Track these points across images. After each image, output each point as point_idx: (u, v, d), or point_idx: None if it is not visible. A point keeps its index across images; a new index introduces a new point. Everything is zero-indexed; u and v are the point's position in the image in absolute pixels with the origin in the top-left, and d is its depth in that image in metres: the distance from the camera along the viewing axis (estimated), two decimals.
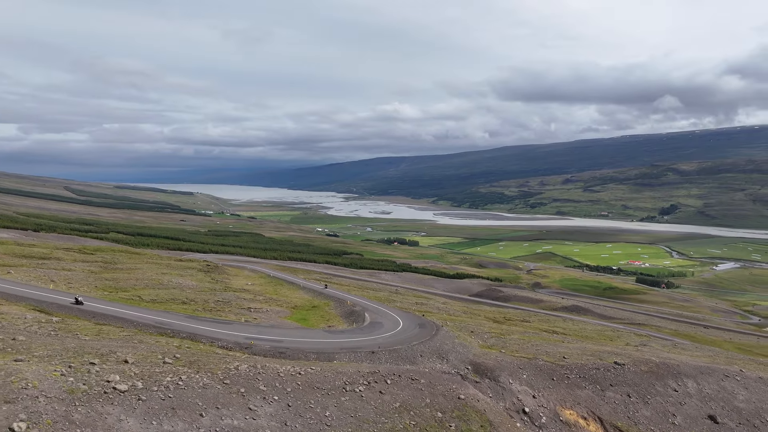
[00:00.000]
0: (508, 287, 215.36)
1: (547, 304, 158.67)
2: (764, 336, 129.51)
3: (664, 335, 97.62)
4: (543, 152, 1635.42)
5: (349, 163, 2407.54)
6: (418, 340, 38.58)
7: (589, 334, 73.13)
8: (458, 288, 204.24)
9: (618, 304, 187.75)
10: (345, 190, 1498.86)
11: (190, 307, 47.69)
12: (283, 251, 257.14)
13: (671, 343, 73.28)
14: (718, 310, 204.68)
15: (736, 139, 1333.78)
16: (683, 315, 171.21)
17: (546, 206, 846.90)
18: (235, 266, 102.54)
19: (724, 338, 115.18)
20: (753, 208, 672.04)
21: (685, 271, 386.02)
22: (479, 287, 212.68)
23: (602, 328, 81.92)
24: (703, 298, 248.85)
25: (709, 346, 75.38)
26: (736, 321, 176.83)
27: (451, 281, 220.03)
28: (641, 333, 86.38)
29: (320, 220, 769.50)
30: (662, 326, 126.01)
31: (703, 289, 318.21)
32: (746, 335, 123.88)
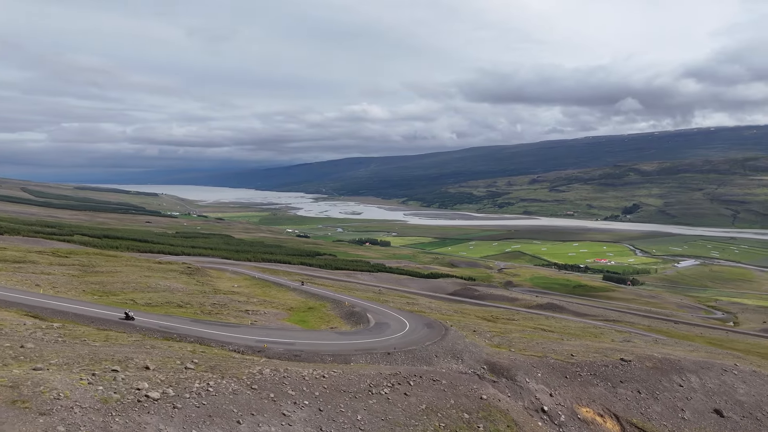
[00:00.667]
0: (482, 286, 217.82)
1: (522, 302, 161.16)
2: (732, 330, 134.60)
3: (641, 331, 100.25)
4: (510, 153, 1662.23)
5: (317, 163, 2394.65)
6: (431, 341, 38.52)
7: (574, 332, 74.51)
8: (434, 287, 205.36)
9: (589, 301, 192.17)
10: (314, 190, 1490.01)
11: (188, 311, 46.51)
12: (256, 253, 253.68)
13: (652, 339, 75.34)
14: (683, 306, 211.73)
15: (693, 141, 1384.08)
16: (652, 311, 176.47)
17: (513, 206, 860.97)
18: (215, 268, 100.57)
19: (695, 333, 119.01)
20: (710, 207, 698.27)
21: (649, 268, 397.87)
22: (454, 286, 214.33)
23: (584, 326, 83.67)
24: (668, 294, 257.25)
25: (687, 342, 77.86)
26: (702, 316, 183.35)
27: (426, 281, 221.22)
28: (621, 329, 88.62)
29: (290, 221, 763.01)
30: (635, 322, 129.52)
31: (666, 286, 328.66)
32: (715, 330, 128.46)
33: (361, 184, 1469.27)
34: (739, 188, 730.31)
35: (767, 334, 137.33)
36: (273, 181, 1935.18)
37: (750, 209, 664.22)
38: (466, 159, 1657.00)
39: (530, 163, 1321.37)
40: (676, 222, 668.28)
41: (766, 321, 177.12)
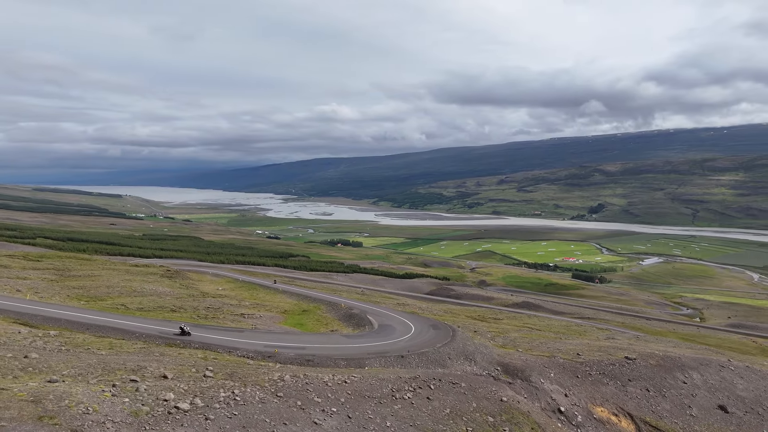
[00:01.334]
0: (458, 285, 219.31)
1: (498, 301, 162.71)
2: (702, 326, 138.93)
3: (618, 328, 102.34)
4: (478, 154, 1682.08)
5: (286, 163, 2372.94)
6: (441, 343, 38.15)
7: (558, 329, 75.44)
8: (410, 287, 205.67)
9: (563, 299, 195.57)
10: (284, 191, 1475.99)
11: (183, 315, 44.95)
12: (228, 254, 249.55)
13: (633, 336, 76.89)
14: (651, 303, 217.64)
15: (653, 142, 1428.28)
16: (623, 308, 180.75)
17: (483, 206, 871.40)
18: (193, 271, 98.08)
19: (668, 329, 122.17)
20: (671, 206, 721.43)
21: (615, 266, 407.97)
22: (430, 286, 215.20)
23: (566, 324, 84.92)
24: (635, 291, 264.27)
25: (668, 338, 79.78)
26: (670, 312, 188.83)
27: (402, 281, 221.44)
28: (601, 327, 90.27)
29: (260, 222, 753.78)
30: (610, 319, 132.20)
31: (633, 283, 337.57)
32: (686, 326, 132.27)
33: (331, 184, 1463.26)
34: (698, 188, 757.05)
35: (734, 329, 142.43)
36: (241, 182, 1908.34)
37: (708, 208, 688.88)
38: (436, 160, 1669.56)
39: (498, 164, 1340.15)
40: (639, 221, 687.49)
41: (730, 316, 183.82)
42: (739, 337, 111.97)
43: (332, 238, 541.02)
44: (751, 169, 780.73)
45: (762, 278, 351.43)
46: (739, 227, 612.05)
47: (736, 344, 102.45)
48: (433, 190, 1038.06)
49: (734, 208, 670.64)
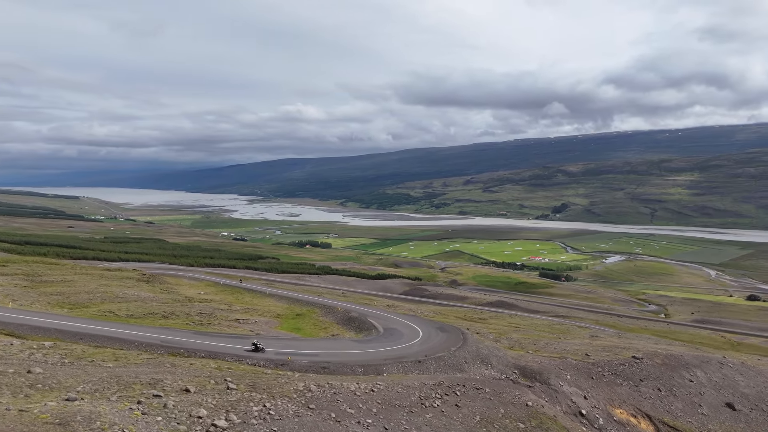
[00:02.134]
0: (430, 285, 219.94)
1: (473, 300, 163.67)
2: (671, 322, 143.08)
3: (597, 326, 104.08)
4: (444, 155, 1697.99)
5: (251, 164, 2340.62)
6: (455, 346, 37.46)
7: (544, 329, 76.04)
8: (383, 288, 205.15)
9: (534, 297, 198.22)
10: (249, 192, 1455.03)
11: (178, 322, 42.90)
12: (195, 257, 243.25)
13: (615, 334, 78.15)
14: (618, 300, 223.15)
15: (613, 143, 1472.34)
16: (593, 306, 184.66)
17: (450, 206, 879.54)
18: (167, 274, 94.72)
19: (640, 326, 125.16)
20: (631, 206, 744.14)
21: (580, 264, 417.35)
22: (403, 287, 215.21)
23: (549, 323, 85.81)
24: (602, 289, 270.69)
25: (647, 335, 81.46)
26: (637, 309, 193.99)
27: (375, 282, 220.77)
28: (582, 325, 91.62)
29: (225, 223, 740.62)
30: (584, 317, 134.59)
31: (598, 281, 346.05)
32: (657, 322, 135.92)
33: (297, 185, 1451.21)
34: (656, 188, 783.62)
35: (700, 324, 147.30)
36: (204, 182, 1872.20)
37: (666, 207, 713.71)
38: (403, 160, 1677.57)
39: (464, 165, 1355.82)
40: (601, 220, 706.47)
41: (693, 312, 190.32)
42: (708, 333, 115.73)
43: (300, 240, 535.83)
44: (706, 170, 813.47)
45: (719, 275, 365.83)
46: (695, 226, 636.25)
47: (707, 340, 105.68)
48: (401, 191, 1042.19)
49: (690, 207, 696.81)
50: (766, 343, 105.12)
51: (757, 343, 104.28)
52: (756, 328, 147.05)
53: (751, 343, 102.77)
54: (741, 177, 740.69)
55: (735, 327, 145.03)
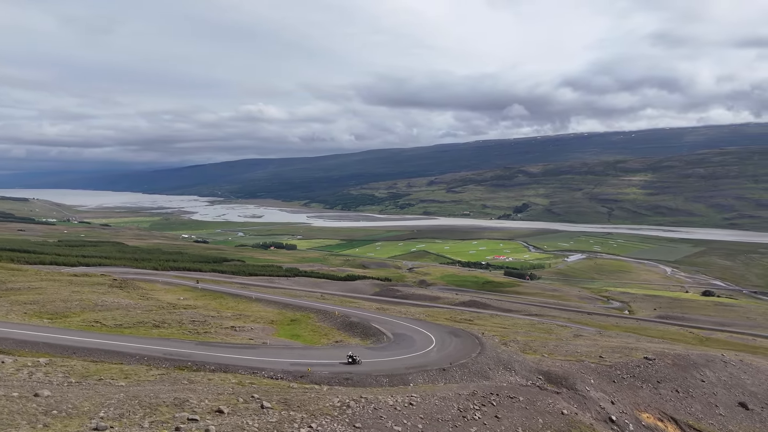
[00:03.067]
0: (401, 286, 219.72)
1: (445, 300, 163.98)
2: (639, 319, 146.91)
3: (573, 324, 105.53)
4: (408, 156, 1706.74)
5: (211, 164, 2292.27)
6: (474, 352, 36.55)
7: (528, 328, 76.33)
8: (353, 289, 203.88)
9: (504, 296, 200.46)
10: (209, 193, 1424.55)
11: (172, 331, 40.40)
12: (158, 261, 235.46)
13: (596, 332, 79.11)
14: (583, 298, 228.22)
15: (570, 145, 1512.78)
16: (561, 304, 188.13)
17: (414, 207, 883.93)
18: (138, 279, 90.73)
19: (611, 323, 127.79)
20: (589, 205, 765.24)
21: (543, 263, 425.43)
22: (374, 287, 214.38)
23: (531, 322, 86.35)
24: (566, 287, 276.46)
25: (626, 332, 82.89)
26: (602, 306, 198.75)
27: (346, 283, 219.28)
28: (563, 324, 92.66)
29: (185, 225, 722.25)
30: (557, 315, 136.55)
31: (561, 279, 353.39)
32: (625, 319, 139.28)
33: (259, 186, 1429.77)
34: (613, 188, 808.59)
35: (665, 320, 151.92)
36: (162, 183, 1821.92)
37: (622, 207, 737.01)
38: (366, 161, 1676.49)
39: (427, 166, 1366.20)
40: (561, 219, 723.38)
41: (656, 308, 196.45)
42: (676, 329, 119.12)
43: (264, 241, 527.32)
44: (659, 170, 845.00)
45: (674, 271, 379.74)
46: (649, 224, 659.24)
47: (676, 335, 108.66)
48: (365, 191, 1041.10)
49: (645, 206, 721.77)
50: (731, 338, 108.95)
51: (723, 338, 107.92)
52: (717, 323, 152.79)
53: (718, 338, 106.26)
54: (692, 177, 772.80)
55: (697, 322, 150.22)
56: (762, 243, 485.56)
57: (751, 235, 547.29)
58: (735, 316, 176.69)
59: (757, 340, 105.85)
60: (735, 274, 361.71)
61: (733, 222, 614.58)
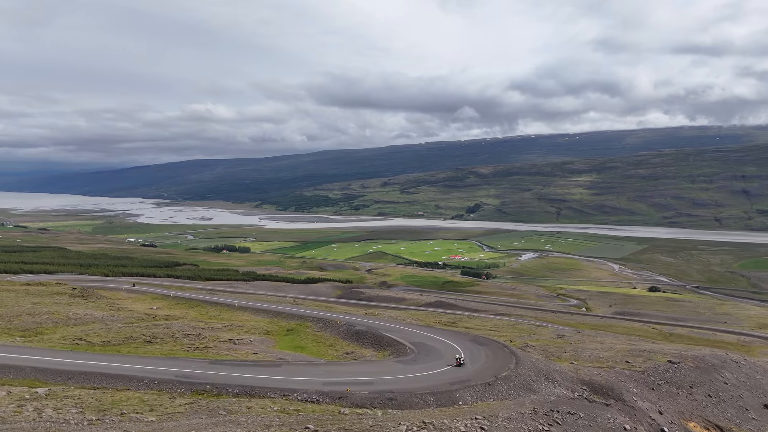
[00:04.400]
0: (363, 287, 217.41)
1: (411, 301, 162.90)
2: (606, 317, 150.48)
3: (546, 323, 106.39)
4: (361, 156, 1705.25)
5: (156, 165, 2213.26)
6: (511, 362, 34.68)
7: (513, 330, 75.95)
8: (314, 292, 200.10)
9: (467, 296, 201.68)
10: (155, 195, 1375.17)
11: (171, 347, 36.54)
12: (107, 266, 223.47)
13: (576, 331, 79.69)
14: (541, 296, 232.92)
15: (518, 146, 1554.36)
16: (523, 302, 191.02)
17: (368, 208, 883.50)
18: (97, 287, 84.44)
19: (578, 321, 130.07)
20: (538, 205, 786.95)
21: (497, 262, 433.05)
22: (335, 290, 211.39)
23: (511, 323, 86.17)
24: (523, 285, 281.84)
25: (605, 331, 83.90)
26: (562, 304, 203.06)
27: (306, 286, 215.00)
28: (543, 324, 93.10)
29: (130, 228, 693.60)
30: (524, 314, 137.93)
31: (516, 278, 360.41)
32: (591, 317, 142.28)
33: (208, 187, 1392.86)
34: (560, 188, 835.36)
35: (626, 317, 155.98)
36: (104, 185, 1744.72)
37: (570, 207, 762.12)
38: (319, 162, 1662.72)
39: (381, 167, 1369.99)
40: (512, 219, 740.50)
41: (611, 305, 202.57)
42: (639, 325, 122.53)
43: (216, 244, 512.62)
44: (602, 171, 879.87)
45: (622, 268, 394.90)
46: (595, 223, 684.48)
47: (642, 332, 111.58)
48: (319, 193, 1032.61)
49: (590, 206, 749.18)
50: (692, 332, 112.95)
51: (684, 333, 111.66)
52: (671, 318, 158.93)
53: (680, 334, 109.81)
54: (633, 178, 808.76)
55: (654, 318, 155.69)
56: (700, 240, 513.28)
57: (689, 232, 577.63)
58: (686, 312, 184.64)
59: (717, 334, 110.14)
60: (677, 270, 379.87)
61: (672, 220, 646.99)
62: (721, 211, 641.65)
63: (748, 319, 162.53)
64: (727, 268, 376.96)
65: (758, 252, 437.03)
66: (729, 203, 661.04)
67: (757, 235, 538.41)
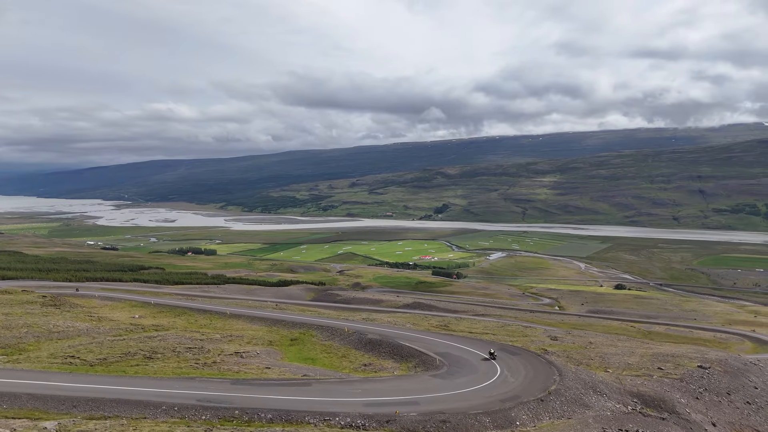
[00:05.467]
0: (337, 289, 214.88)
1: (389, 303, 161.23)
2: (583, 315, 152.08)
3: (540, 325, 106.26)
4: (327, 157, 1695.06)
5: (115, 166, 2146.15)
6: (555, 375, 32.63)
7: (501, 332, 75.07)
8: (288, 295, 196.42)
9: (444, 297, 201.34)
10: (114, 196, 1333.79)
11: (178, 365, 33.21)
12: (67, 271, 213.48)
13: (565, 332, 79.41)
14: (514, 295, 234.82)
15: (483, 147, 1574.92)
16: (498, 302, 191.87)
17: (337, 208, 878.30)
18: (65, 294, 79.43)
19: (557, 320, 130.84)
20: (505, 205, 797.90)
21: (467, 262, 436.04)
22: (309, 292, 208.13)
23: (496, 324, 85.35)
24: (494, 285, 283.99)
25: (586, 330, 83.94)
26: (535, 303, 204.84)
27: (279, 289, 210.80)
28: (526, 325, 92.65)
29: (90, 231, 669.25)
30: (504, 314, 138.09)
31: (486, 277, 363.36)
32: (569, 315, 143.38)
33: (170, 188, 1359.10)
34: (525, 188, 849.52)
35: (595, 314, 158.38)
36: (60, 186, 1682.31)
37: (535, 206, 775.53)
38: (285, 162, 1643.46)
39: (348, 167, 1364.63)
40: (479, 219, 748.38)
41: (583, 303, 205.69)
42: (618, 323, 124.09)
43: (181, 247, 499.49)
44: (566, 172, 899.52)
45: (588, 267, 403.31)
46: (559, 222, 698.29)
47: (621, 330, 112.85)
48: (286, 193, 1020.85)
49: (555, 206, 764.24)
50: (669, 330, 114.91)
51: (662, 331, 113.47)
52: (644, 316, 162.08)
53: (658, 332, 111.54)
54: (595, 178, 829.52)
55: (627, 315, 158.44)
56: (660, 238, 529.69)
57: (649, 231, 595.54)
58: (655, 309, 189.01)
59: (694, 332, 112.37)
60: (641, 267, 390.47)
61: (633, 219, 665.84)
62: (679, 211, 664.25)
63: (715, 316, 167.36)
64: (688, 266, 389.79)
65: (715, 250, 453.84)
66: (686, 203, 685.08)
67: (714, 234, 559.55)
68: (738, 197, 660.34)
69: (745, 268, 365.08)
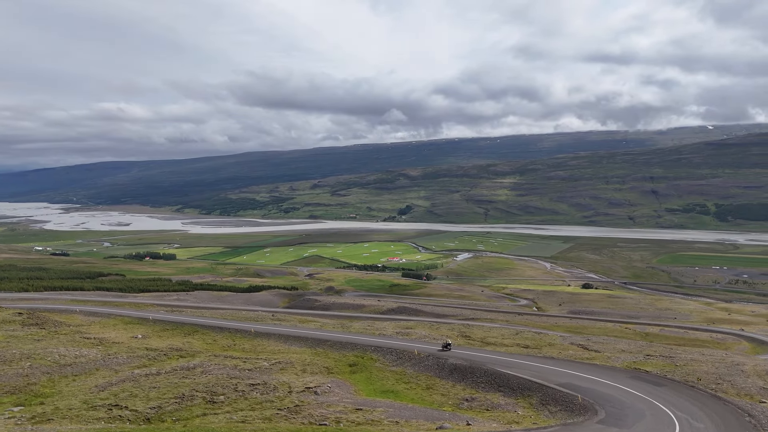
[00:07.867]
0: (312, 294, 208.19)
1: (371, 308, 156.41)
2: (574, 317, 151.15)
3: (535, 328, 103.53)
4: (287, 158, 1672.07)
5: (62, 168, 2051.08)
6: (745, 416, 26.09)
7: (516, 340, 71.68)
8: (260, 302, 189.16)
9: (424, 299, 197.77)
10: (62, 199, 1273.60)
11: (259, 414, 25.80)
12: (19, 279, 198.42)
13: (584, 338, 76.78)
14: (490, 296, 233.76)
15: (443, 149, 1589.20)
16: (480, 304, 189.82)
17: (299, 210, 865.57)
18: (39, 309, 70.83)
19: (551, 323, 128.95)
20: (467, 206, 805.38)
21: (435, 263, 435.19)
22: (283, 298, 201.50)
23: (513, 331, 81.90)
24: (469, 286, 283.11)
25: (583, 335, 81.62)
26: (513, 304, 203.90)
27: (251, 295, 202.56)
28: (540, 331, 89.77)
29: (37, 236, 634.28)
30: (495, 318, 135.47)
31: (455, 278, 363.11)
32: (559, 318, 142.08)
33: (123, 191, 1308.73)
34: (486, 190, 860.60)
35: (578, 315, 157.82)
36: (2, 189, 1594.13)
37: (496, 207, 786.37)
38: (243, 164, 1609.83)
39: (309, 169, 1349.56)
40: (442, 220, 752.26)
41: (560, 304, 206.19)
42: (612, 325, 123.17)
43: (138, 252, 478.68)
44: (525, 173, 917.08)
45: (553, 266, 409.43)
46: (521, 223, 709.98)
47: (619, 332, 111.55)
48: (245, 195, 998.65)
49: (516, 206, 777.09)
50: (663, 331, 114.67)
51: (657, 332, 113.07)
52: (626, 316, 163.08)
53: (656, 333, 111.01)
54: (554, 179, 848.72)
55: (610, 316, 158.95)
56: (619, 237, 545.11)
57: (607, 230, 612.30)
58: (630, 308, 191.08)
59: (689, 332, 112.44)
60: (604, 266, 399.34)
61: (592, 219, 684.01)
62: (634, 210, 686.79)
63: (691, 314, 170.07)
64: (648, 264, 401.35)
65: (671, 248, 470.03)
66: (640, 203, 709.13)
67: (667, 232, 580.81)
68: (689, 197, 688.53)
69: (701, 266, 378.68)
